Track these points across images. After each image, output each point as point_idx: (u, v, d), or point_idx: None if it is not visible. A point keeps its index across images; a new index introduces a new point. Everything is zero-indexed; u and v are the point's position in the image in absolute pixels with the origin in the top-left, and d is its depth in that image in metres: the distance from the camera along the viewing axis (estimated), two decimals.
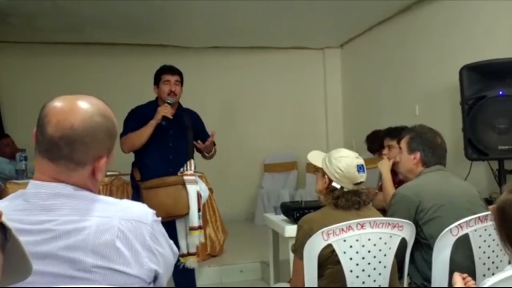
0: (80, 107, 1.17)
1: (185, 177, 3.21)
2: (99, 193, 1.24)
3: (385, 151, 3.41)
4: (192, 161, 3.31)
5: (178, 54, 6.30)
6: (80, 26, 5.54)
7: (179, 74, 3.38)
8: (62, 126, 1.13)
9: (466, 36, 4.33)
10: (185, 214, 3.18)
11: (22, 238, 0.83)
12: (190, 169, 3.25)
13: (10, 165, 4.84)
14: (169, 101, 3.25)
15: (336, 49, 7.16)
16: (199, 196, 3.22)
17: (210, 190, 4.84)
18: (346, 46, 7.02)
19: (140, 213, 1.19)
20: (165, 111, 3.19)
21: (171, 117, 3.22)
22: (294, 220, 2.74)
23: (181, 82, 3.38)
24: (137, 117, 3.29)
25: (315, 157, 2.21)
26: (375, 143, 4.32)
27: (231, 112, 6.93)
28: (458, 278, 1.63)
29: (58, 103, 1.17)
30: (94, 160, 1.18)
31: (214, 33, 6.13)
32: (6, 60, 6.10)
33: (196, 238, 3.21)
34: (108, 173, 4.48)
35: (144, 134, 3.21)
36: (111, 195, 4.29)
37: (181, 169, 3.24)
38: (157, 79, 3.36)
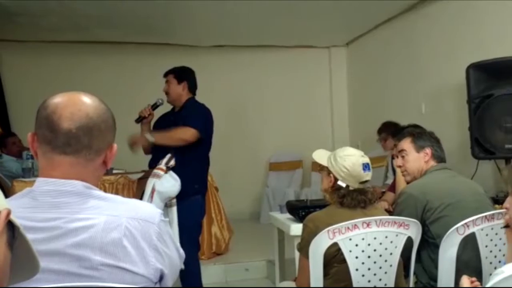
0: (86, 98, 1.20)
1: (154, 170, 3.24)
2: (105, 191, 1.24)
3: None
4: (168, 156, 3.29)
5: (184, 53, 6.30)
6: (86, 25, 5.55)
7: (169, 73, 3.46)
8: (78, 116, 1.15)
9: (473, 35, 4.31)
10: None
11: (30, 236, 0.83)
12: (161, 164, 3.25)
13: (17, 163, 4.88)
14: (156, 102, 3.42)
15: (342, 48, 7.14)
16: (153, 190, 3.21)
17: (216, 188, 4.85)
18: (352, 44, 7.00)
19: (147, 213, 1.20)
20: (142, 111, 3.38)
21: (145, 115, 3.36)
22: (299, 218, 2.74)
23: (176, 78, 3.42)
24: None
25: (320, 156, 2.20)
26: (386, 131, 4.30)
27: (237, 111, 6.93)
28: (466, 281, 1.62)
29: (61, 99, 1.18)
30: (107, 147, 1.22)
31: (220, 32, 6.12)
32: (13, 59, 6.14)
33: None
34: (114, 171, 4.49)
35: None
36: (116, 193, 4.30)
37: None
38: None
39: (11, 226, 0.78)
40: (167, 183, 3.26)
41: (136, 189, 3.21)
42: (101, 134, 1.18)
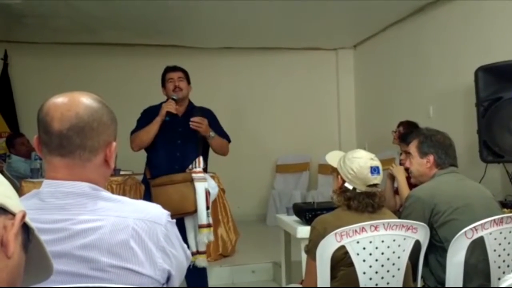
0: (78, 98, 1.19)
1: (193, 175, 3.21)
2: (112, 192, 1.24)
3: (403, 156, 3.30)
4: (200, 158, 3.28)
5: (191, 55, 6.32)
6: (94, 26, 5.58)
7: (182, 71, 3.42)
8: (68, 117, 1.15)
9: (482, 37, 4.28)
10: (193, 212, 3.19)
11: None
12: (199, 166, 3.24)
13: (25, 164, 4.91)
14: (174, 97, 3.29)
15: (349, 50, 7.14)
16: (207, 193, 3.21)
17: (222, 190, 4.85)
18: (359, 46, 6.99)
19: (155, 214, 1.20)
20: (169, 106, 3.23)
21: (175, 112, 3.25)
22: (306, 221, 2.73)
23: (187, 79, 3.41)
24: (148, 116, 3.33)
25: (333, 157, 2.21)
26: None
27: (244, 113, 6.93)
28: None
29: (54, 100, 1.19)
30: (105, 146, 1.20)
31: (227, 33, 6.14)
32: (22, 60, 6.18)
33: (205, 236, 3.21)
34: (122, 173, 4.51)
35: (151, 130, 3.24)
36: (124, 194, 4.31)
37: (190, 166, 3.24)
38: (163, 80, 3.42)
39: (26, 228, 0.78)
40: (213, 184, 3.35)
41: (155, 197, 3.10)
42: (94, 133, 1.17)
